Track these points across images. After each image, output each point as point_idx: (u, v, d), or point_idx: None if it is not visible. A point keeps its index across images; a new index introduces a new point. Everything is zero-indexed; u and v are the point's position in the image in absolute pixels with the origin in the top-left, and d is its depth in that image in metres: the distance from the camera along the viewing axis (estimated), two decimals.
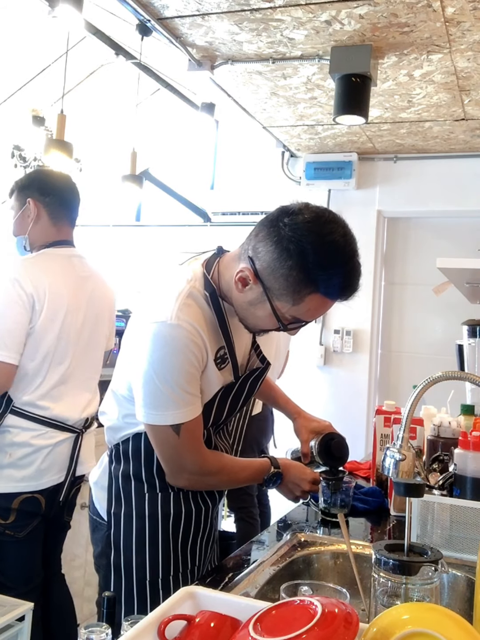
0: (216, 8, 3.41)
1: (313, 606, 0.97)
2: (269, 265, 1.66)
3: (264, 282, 1.69)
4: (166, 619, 1.05)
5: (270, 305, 1.71)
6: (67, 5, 3.17)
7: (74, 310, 2.87)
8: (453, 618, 0.98)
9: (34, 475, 2.74)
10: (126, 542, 1.94)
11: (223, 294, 1.84)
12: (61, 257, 2.92)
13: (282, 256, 1.64)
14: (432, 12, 3.27)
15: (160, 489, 1.92)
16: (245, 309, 1.79)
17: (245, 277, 1.71)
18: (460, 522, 2.00)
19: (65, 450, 2.85)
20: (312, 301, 1.68)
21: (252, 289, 1.72)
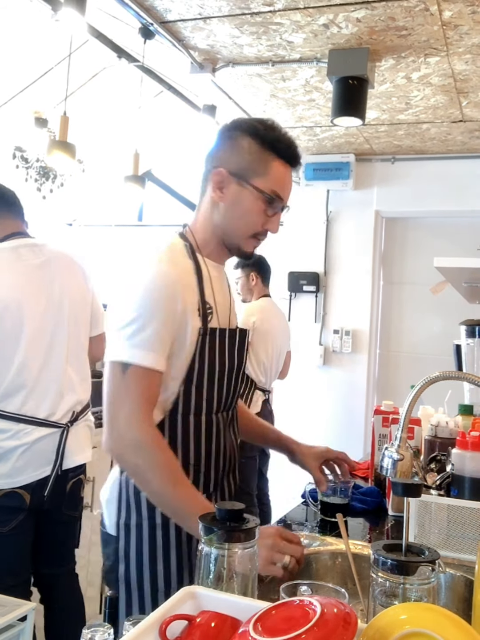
0: (217, 12, 3.43)
1: (312, 606, 0.97)
2: (232, 155, 1.90)
3: (235, 171, 1.89)
4: (167, 619, 1.05)
5: (251, 187, 1.88)
6: (70, 9, 3.17)
7: (29, 300, 2.81)
8: (451, 618, 0.98)
9: (9, 473, 2.72)
10: (138, 553, 1.87)
11: (200, 248, 1.97)
12: (7, 250, 2.87)
13: (239, 141, 1.90)
14: (429, 15, 3.29)
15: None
16: (232, 214, 1.93)
17: (218, 179, 1.90)
18: (458, 522, 2.00)
19: (47, 447, 2.81)
20: (277, 168, 1.89)
21: (228, 186, 1.90)
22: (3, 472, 2.71)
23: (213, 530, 1.27)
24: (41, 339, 2.84)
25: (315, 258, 6.11)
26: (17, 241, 2.91)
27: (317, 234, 6.08)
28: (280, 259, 5.95)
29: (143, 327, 1.74)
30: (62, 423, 2.86)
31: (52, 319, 2.89)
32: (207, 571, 1.27)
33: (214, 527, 1.27)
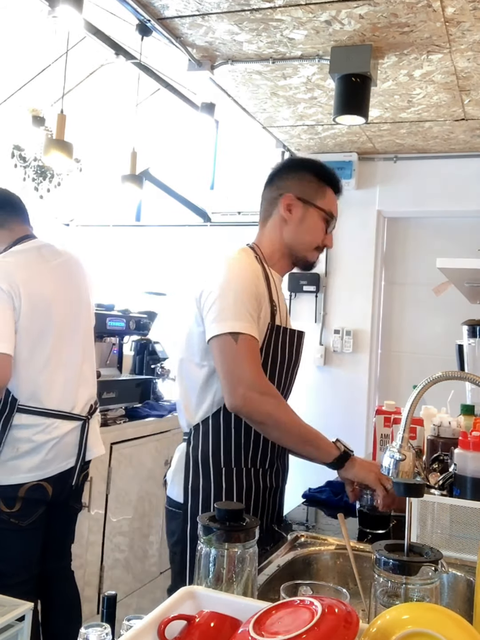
0: (216, 8, 3.41)
1: (313, 606, 0.97)
2: (296, 184, 2.38)
3: (301, 196, 2.36)
4: (166, 618, 1.05)
5: (314, 207, 2.36)
6: (67, 5, 3.17)
7: (55, 300, 2.93)
8: (453, 618, 0.98)
9: (39, 466, 2.81)
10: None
11: (266, 259, 2.37)
12: (30, 251, 2.96)
13: (300, 173, 2.41)
14: (432, 12, 3.27)
15: (235, 464, 2.20)
16: (299, 230, 2.38)
17: (288, 202, 2.35)
18: (460, 522, 2.00)
19: (72, 439, 2.94)
20: (330, 195, 2.41)
21: (296, 208, 2.36)
22: (33, 465, 2.81)
23: (212, 530, 1.26)
24: (65, 336, 2.97)
25: None
26: (36, 242, 3.03)
27: None
28: None
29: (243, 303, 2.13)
30: (83, 416, 3.00)
31: (73, 316, 3.04)
32: (207, 571, 1.26)
33: (213, 527, 1.26)
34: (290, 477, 4.91)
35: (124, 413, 4.11)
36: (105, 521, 3.79)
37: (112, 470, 3.83)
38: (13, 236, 3.00)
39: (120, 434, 3.91)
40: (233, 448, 2.20)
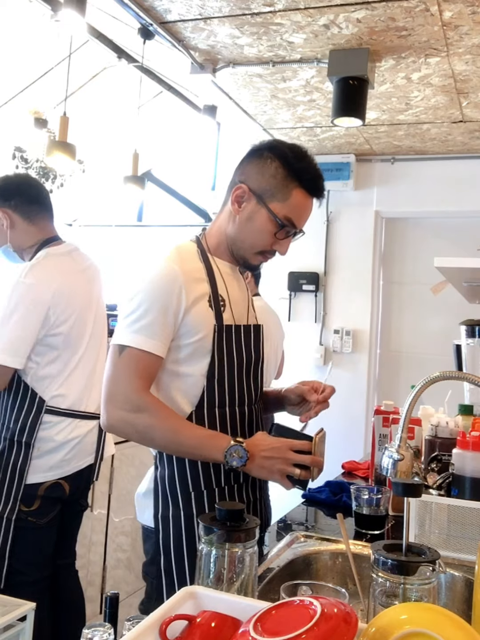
0: (218, 12, 3.43)
1: (313, 606, 0.97)
2: (258, 174, 1.99)
3: (256, 190, 1.98)
4: (167, 619, 1.05)
5: (266, 209, 1.98)
6: (70, 9, 3.18)
7: (86, 305, 2.96)
8: (451, 618, 0.98)
9: (59, 464, 2.84)
10: (177, 544, 1.95)
11: (212, 251, 2.08)
12: (63, 256, 2.97)
13: (267, 162, 1.99)
14: (429, 16, 3.29)
15: (205, 485, 1.97)
16: (243, 229, 2.03)
17: (240, 194, 2.00)
18: (458, 522, 2.00)
19: (92, 438, 2.96)
20: (297, 196, 1.98)
21: (247, 203, 2.00)
22: (53, 464, 2.83)
23: (213, 530, 1.27)
24: (87, 339, 2.99)
25: (316, 258, 6.11)
26: (67, 246, 3.02)
27: (318, 234, 6.07)
28: (280, 259, 5.92)
29: (142, 315, 1.88)
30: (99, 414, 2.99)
31: (93, 321, 3.04)
32: (207, 571, 1.27)
33: (214, 527, 1.27)
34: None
35: None
36: (107, 521, 3.79)
37: (115, 470, 3.83)
38: (41, 235, 2.98)
39: None
40: (200, 469, 1.97)
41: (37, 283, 2.76)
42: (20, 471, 2.77)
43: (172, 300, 1.91)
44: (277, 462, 1.85)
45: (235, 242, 2.06)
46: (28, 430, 2.78)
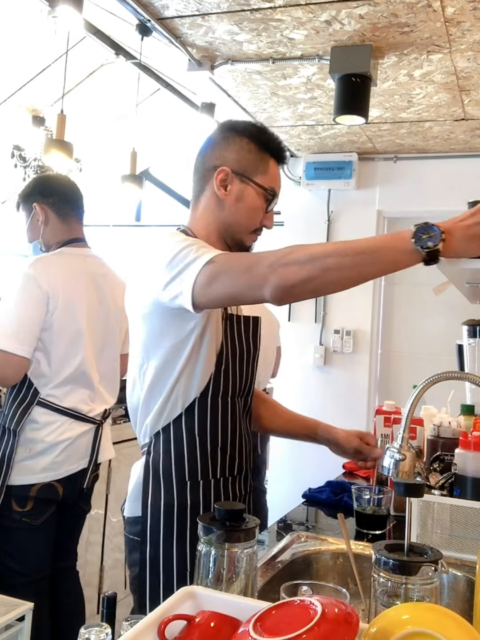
0: (216, 8, 3.41)
1: (313, 606, 0.97)
2: (233, 153, 2.04)
3: (238, 170, 2.03)
4: (166, 618, 1.05)
5: (253, 184, 2.03)
6: (67, 5, 3.17)
7: (90, 306, 3.01)
8: (453, 618, 0.98)
9: (51, 466, 2.85)
10: (166, 534, 1.92)
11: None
12: (77, 257, 3.06)
13: (237, 141, 2.05)
14: (432, 12, 3.27)
15: (202, 476, 1.96)
16: (236, 211, 2.05)
17: (223, 177, 2.03)
18: (460, 522, 2.00)
19: (85, 442, 2.97)
20: (272, 166, 2.08)
21: (232, 183, 2.03)
22: (44, 466, 2.84)
23: (212, 530, 1.26)
24: (94, 343, 3.04)
25: None
26: (85, 250, 3.13)
27: (318, 234, 6.05)
28: None
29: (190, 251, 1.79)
30: (98, 420, 3.04)
31: (105, 327, 3.11)
32: (207, 571, 1.26)
33: (213, 527, 1.26)
34: (290, 477, 4.91)
35: (123, 413, 4.11)
36: (105, 521, 3.79)
37: (112, 470, 3.83)
38: (68, 234, 3.09)
39: (121, 434, 3.91)
40: (199, 458, 1.95)
41: (36, 275, 2.81)
42: (8, 460, 2.80)
43: None
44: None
45: (232, 226, 2.06)
46: (17, 418, 2.82)
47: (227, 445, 2.02)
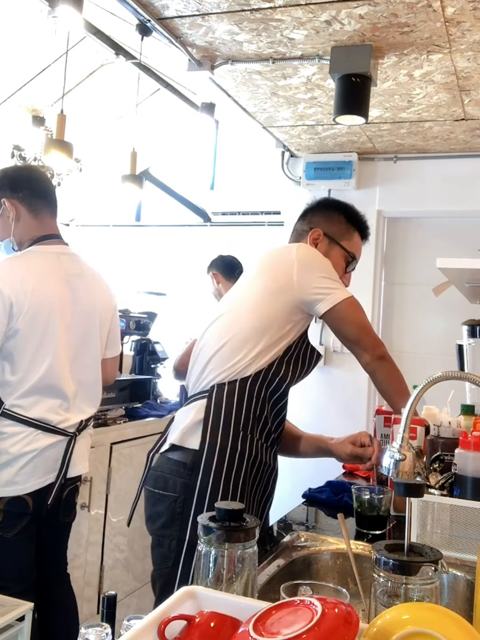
0: (216, 8, 3.41)
1: (313, 606, 0.96)
2: (326, 221, 2.62)
3: (328, 234, 2.59)
4: (166, 619, 1.05)
5: (339, 247, 2.61)
6: (67, 5, 3.17)
7: (61, 309, 2.83)
8: (453, 618, 0.98)
9: (15, 480, 2.72)
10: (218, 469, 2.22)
11: None
12: (48, 255, 2.89)
13: (332, 212, 2.66)
14: (432, 12, 3.27)
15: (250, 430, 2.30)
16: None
17: (316, 236, 2.57)
18: (460, 522, 2.00)
19: (53, 454, 2.82)
20: (357, 239, 2.68)
21: (322, 243, 2.57)
22: (9, 479, 2.72)
23: (212, 530, 1.26)
24: (68, 349, 2.87)
25: None
26: (58, 247, 2.96)
27: None
28: None
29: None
30: (70, 432, 2.89)
31: (81, 330, 2.95)
32: (207, 571, 1.26)
33: (213, 527, 1.26)
34: (291, 477, 4.90)
35: (123, 413, 4.11)
36: (105, 521, 3.78)
37: (112, 470, 3.83)
38: (41, 230, 2.92)
39: (120, 434, 3.91)
40: (252, 415, 2.30)
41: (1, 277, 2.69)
42: None
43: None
44: None
45: None
46: None
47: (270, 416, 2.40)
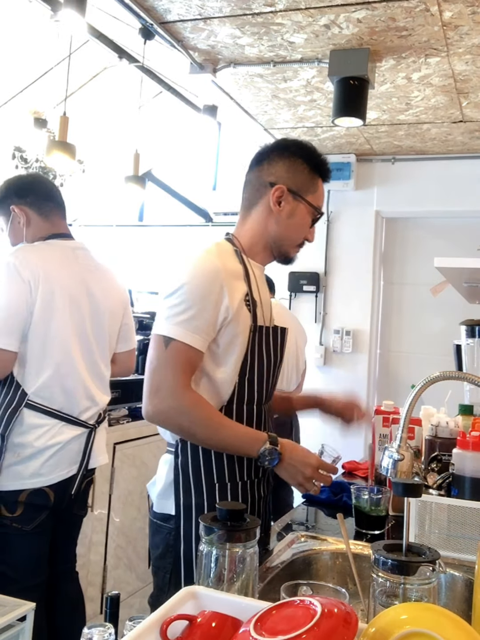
0: (218, 12, 3.43)
1: (313, 606, 0.97)
2: (288, 172, 2.17)
3: (293, 188, 2.16)
4: (168, 618, 1.05)
5: (305, 203, 2.18)
6: (70, 9, 3.17)
7: (76, 300, 2.85)
8: (451, 618, 0.98)
9: (41, 472, 2.74)
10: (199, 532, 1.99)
11: (245, 251, 2.19)
12: (64, 248, 2.92)
13: (292, 160, 2.18)
14: (430, 16, 3.29)
15: (230, 478, 2.06)
16: (288, 226, 2.19)
17: (279, 194, 2.15)
18: (458, 522, 1.99)
19: (76, 447, 2.85)
20: (320, 186, 2.24)
21: (286, 201, 2.16)
22: (34, 471, 2.74)
23: (213, 530, 1.27)
24: (83, 341, 2.89)
25: (316, 258, 6.11)
26: (74, 243, 2.99)
27: (318, 234, 6.03)
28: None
29: (187, 308, 1.96)
30: (90, 424, 2.92)
31: (95, 323, 2.96)
32: (208, 571, 1.27)
33: (214, 527, 1.27)
34: None
35: (127, 413, 4.11)
36: (108, 521, 3.78)
37: (115, 471, 3.83)
38: (52, 230, 2.94)
39: (124, 434, 3.91)
40: (225, 462, 2.06)
41: (18, 263, 2.69)
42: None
43: (215, 296, 1.99)
44: (301, 475, 2.00)
45: (281, 239, 2.21)
46: (5, 421, 2.71)
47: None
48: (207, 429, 1.98)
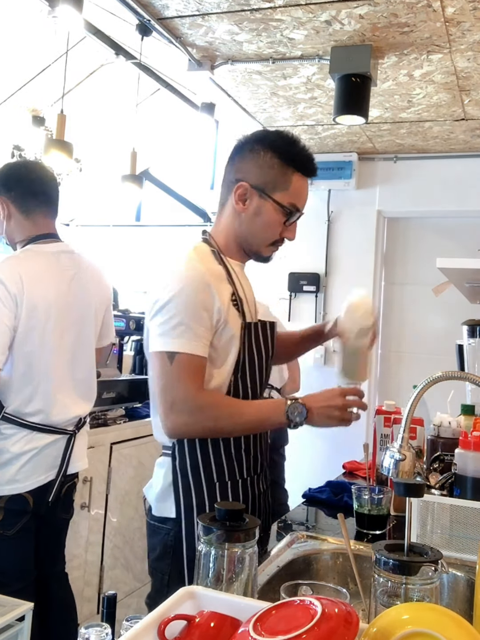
0: (216, 8, 3.41)
1: (313, 606, 0.96)
2: (255, 168, 2.05)
3: (257, 185, 2.04)
4: (166, 618, 1.04)
5: (272, 202, 2.04)
6: (67, 5, 3.16)
7: (60, 310, 2.81)
8: (453, 618, 0.97)
9: (17, 478, 2.72)
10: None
11: (223, 251, 2.12)
12: (47, 255, 2.84)
13: (261, 155, 2.04)
14: (432, 12, 3.27)
15: (229, 476, 2.05)
16: (253, 225, 2.09)
17: (242, 192, 2.05)
18: (460, 522, 1.99)
19: (54, 452, 2.83)
20: (296, 181, 2.06)
21: (251, 199, 2.06)
22: (10, 477, 2.72)
23: (212, 530, 1.26)
24: (65, 349, 2.85)
25: (316, 258, 6.09)
26: (56, 246, 2.90)
27: (318, 234, 6.05)
28: (281, 259, 5.93)
29: (183, 319, 1.91)
30: (70, 430, 2.89)
31: (78, 330, 2.92)
32: (207, 571, 1.26)
33: (213, 527, 1.26)
34: (291, 477, 4.90)
35: (123, 413, 4.10)
36: (105, 521, 3.78)
37: (112, 471, 3.82)
38: (35, 230, 2.86)
39: (120, 434, 3.90)
40: (224, 460, 2.05)
41: (4, 278, 2.64)
42: None
43: (206, 302, 1.95)
44: (335, 409, 2.00)
45: (247, 239, 2.12)
46: None
47: (250, 446, 2.12)
48: (232, 418, 1.98)
